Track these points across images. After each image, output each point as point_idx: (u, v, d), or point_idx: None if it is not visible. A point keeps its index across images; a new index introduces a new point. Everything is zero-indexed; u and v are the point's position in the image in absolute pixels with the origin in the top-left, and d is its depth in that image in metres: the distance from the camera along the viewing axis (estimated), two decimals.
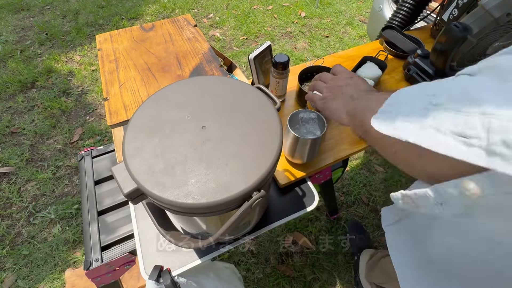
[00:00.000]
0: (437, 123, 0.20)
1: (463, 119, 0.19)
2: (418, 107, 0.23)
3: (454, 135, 0.19)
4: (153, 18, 2.59)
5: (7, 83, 1.93)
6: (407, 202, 0.27)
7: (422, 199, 0.25)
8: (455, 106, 0.20)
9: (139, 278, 0.87)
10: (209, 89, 0.50)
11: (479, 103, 0.18)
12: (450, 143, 0.19)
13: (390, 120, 0.26)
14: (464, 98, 0.19)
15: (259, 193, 0.39)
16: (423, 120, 0.22)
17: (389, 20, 1.17)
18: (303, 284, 1.16)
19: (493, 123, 0.17)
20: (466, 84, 0.20)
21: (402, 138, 0.23)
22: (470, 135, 0.18)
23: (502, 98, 0.17)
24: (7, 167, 1.52)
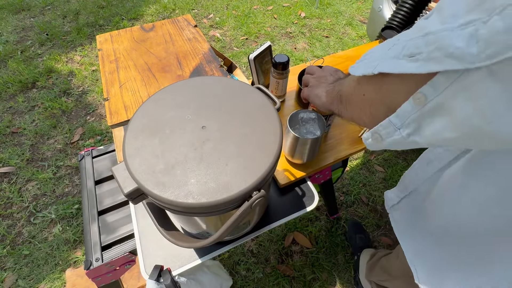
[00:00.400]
0: (396, 53, 0.26)
1: (412, 43, 0.24)
2: (385, 49, 0.29)
3: (406, 57, 0.24)
4: (153, 18, 2.60)
5: (7, 83, 1.94)
6: (375, 138, 0.31)
7: (386, 128, 0.29)
8: (409, 38, 0.25)
9: (140, 277, 0.87)
10: (209, 89, 0.50)
11: (425, 28, 0.23)
12: (403, 64, 0.24)
13: (363, 64, 0.32)
14: (416, 31, 0.24)
15: (259, 193, 0.39)
16: (386, 54, 0.27)
17: (388, 20, 1.17)
18: (303, 284, 1.16)
19: (430, 38, 0.21)
20: (420, 23, 0.25)
21: (370, 72, 0.29)
22: (416, 53, 0.23)
23: (439, 21, 0.21)
24: (8, 167, 1.52)
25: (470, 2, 0.19)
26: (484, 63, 0.18)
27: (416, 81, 0.24)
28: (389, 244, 1.27)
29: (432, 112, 0.23)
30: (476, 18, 0.18)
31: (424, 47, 0.22)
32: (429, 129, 0.25)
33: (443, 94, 0.22)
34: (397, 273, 0.85)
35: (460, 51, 0.19)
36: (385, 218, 1.35)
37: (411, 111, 0.25)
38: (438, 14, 0.22)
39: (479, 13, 0.18)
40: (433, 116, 0.24)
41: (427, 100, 0.23)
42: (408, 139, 0.27)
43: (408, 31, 0.27)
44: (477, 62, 0.18)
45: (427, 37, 0.22)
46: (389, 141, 0.30)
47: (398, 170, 1.51)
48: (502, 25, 0.16)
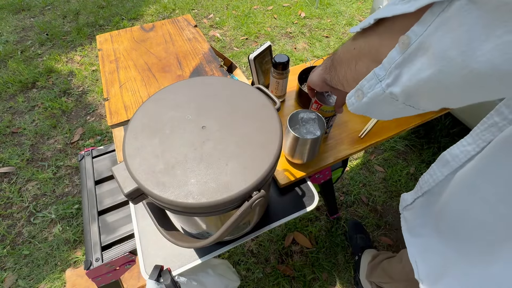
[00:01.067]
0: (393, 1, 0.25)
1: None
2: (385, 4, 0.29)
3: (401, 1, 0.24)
4: (153, 18, 2.60)
5: (7, 83, 1.94)
6: (357, 95, 0.31)
7: (369, 81, 0.29)
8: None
9: (140, 277, 0.87)
10: (209, 89, 0.50)
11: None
12: (397, 7, 0.24)
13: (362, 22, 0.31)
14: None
15: (259, 193, 0.39)
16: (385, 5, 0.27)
17: None
18: (303, 284, 1.16)
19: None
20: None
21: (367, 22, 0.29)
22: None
23: None
24: (8, 167, 1.52)
25: None
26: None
27: (406, 24, 0.24)
28: (389, 244, 1.27)
29: (413, 53, 0.23)
30: None
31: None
32: (407, 73, 0.25)
33: (427, 31, 0.22)
34: (399, 277, 0.85)
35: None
36: (385, 218, 1.35)
37: (395, 56, 0.25)
38: None
39: None
40: (414, 58, 0.24)
41: (411, 42, 0.23)
42: (386, 90, 0.27)
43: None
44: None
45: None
46: (369, 95, 0.29)
47: (398, 170, 1.51)
48: None
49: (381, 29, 0.29)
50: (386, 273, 0.93)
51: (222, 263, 0.77)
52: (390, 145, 1.63)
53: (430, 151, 1.57)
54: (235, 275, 0.80)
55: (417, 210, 0.47)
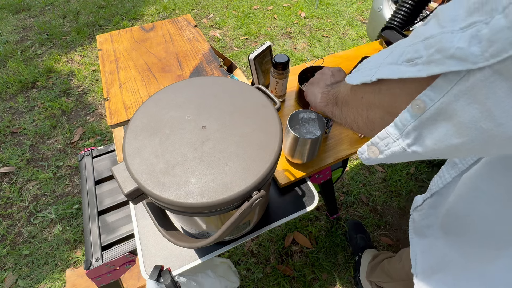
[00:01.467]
0: (395, 59, 0.25)
1: (412, 48, 0.23)
2: (382, 57, 0.28)
3: (405, 62, 0.23)
4: (153, 18, 2.60)
5: (7, 83, 1.94)
6: (371, 151, 0.31)
7: (383, 140, 0.28)
8: (408, 44, 0.24)
9: (140, 277, 0.87)
10: (209, 89, 0.50)
11: (424, 34, 0.22)
12: (402, 69, 0.24)
13: (360, 73, 0.31)
14: (415, 38, 0.24)
15: (259, 193, 0.39)
16: (384, 61, 0.27)
17: (388, 20, 1.18)
18: (303, 284, 1.16)
19: (430, 41, 0.21)
20: (418, 30, 0.24)
21: (368, 79, 0.28)
22: (416, 57, 0.22)
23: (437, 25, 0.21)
24: (8, 167, 1.52)
25: (469, 6, 0.18)
26: (488, 62, 0.17)
27: (416, 86, 0.23)
28: (389, 244, 1.27)
29: (433, 118, 0.23)
30: (477, 20, 0.17)
31: (424, 51, 0.21)
32: (432, 137, 0.24)
33: (445, 98, 0.21)
34: (398, 277, 0.85)
35: (462, 52, 0.18)
36: (385, 218, 1.35)
37: (410, 119, 0.24)
38: (437, 19, 0.22)
39: (480, 15, 0.17)
40: (435, 123, 0.23)
41: (427, 106, 0.22)
42: (408, 149, 0.26)
43: (405, 39, 0.26)
44: (480, 62, 0.17)
45: (426, 41, 0.21)
46: (387, 153, 0.28)
47: (398, 170, 1.51)
48: (505, 22, 0.16)
49: (387, 86, 0.28)
50: (386, 273, 0.93)
51: (224, 262, 0.77)
52: None
53: None
54: (235, 276, 0.80)
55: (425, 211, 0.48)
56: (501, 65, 0.17)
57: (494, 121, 0.19)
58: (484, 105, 0.19)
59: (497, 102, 0.18)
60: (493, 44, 0.17)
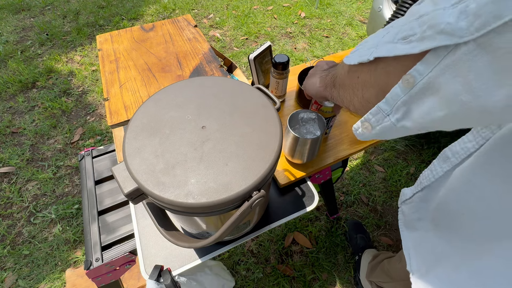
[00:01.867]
0: (391, 38, 0.26)
1: (407, 27, 0.24)
2: (379, 37, 0.29)
3: (401, 40, 0.24)
4: (153, 18, 2.60)
5: (7, 83, 1.94)
6: (364, 127, 0.31)
7: (375, 116, 0.29)
8: (403, 23, 0.25)
9: (140, 277, 0.87)
10: (209, 89, 0.50)
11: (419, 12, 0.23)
12: (398, 47, 0.24)
13: (357, 52, 0.32)
14: (410, 16, 0.24)
15: (259, 193, 0.39)
16: (381, 41, 0.28)
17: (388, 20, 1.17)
18: (303, 284, 1.16)
19: (424, 19, 0.22)
20: (413, 9, 0.25)
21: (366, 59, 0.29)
22: (410, 34, 0.23)
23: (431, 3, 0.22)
24: (8, 167, 1.52)
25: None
26: (473, 36, 0.18)
27: (409, 63, 0.24)
28: (389, 244, 1.27)
29: (421, 92, 0.23)
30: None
31: (418, 28, 0.22)
32: (418, 111, 0.25)
33: (432, 73, 0.22)
34: (398, 276, 0.85)
35: (450, 27, 0.19)
36: (385, 218, 1.35)
37: (400, 94, 0.25)
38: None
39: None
40: (422, 97, 0.24)
41: (416, 81, 0.23)
42: (397, 124, 0.27)
43: (401, 18, 0.27)
44: (466, 36, 0.18)
45: (420, 19, 0.22)
46: (379, 128, 0.30)
47: (398, 170, 1.51)
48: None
49: (383, 64, 0.28)
50: (386, 273, 0.93)
51: (217, 264, 0.78)
52: (390, 145, 1.63)
53: (430, 151, 1.57)
54: (229, 276, 0.81)
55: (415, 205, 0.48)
56: (484, 38, 0.18)
57: (473, 93, 0.20)
58: (466, 77, 0.20)
59: (477, 75, 0.19)
60: (478, 18, 0.17)
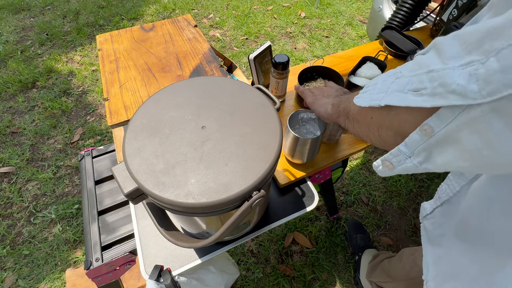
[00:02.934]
0: (401, 87, 0.27)
1: (416, 79, 0.25)
2: (388, 83, 0.30)
3: (411, 92, 0.26)
4: (153, 18, 2.60)
5: (7, 83, 1.94)
6: (385, 165, 0.33)
7: (396, 157, 0.30)
8: (412, 74, 0.26)
9: (140, 277, 0.87)
10: (209, 89, 0.50)
11: (428, 66, 0.25)
12: (409, 98, 0.26)
13: (368, 95, 0.34)
14: (419, 67, 0.26)
15: (259, 193, 0.39)
16: (390, 88, 0.29)
17: (388, 20, 1.18)
18: (303, 284, 1.16)
19: (434, 75, 0.23)
20: (420, 59, 0.26)
21: (374, 104, 0.31)
22: (421, 87, 0.24)
23: (440, 61, 0.23)
24: (8, 167, 1.52)
25: (468, 44, 0.21)
26: (485, 99, 0.19)
27: (422, 113, 0.26)
28: (389, 244, 1.27)
29: (441, 142, 0.25)
30: (475, 59, 0.20)
31: (428, 83, 0.24)
32: (441, 158, 0.26)
33: (449, 126, 0.23)
34: (399, 276, 0.85)
35: (462, 88, 0.20)
36: (385, 218, 1.35)
37: (419, 141, 0.26)
38: (438, 54, 0.24)
39: (477, 54, 0.19)
40: (443, 146, 0.25)
41: (434, 131, 0.24)
42: (420, 166, 0.28)
43: (408, 65, 0.28)
44: (479, 98, 0.19)
45: (430, 74, 0.24)
46: (400, 168, 0.31)
47: None
48: (497, 66, 0.18)
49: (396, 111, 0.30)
50: (386, 273, 0.93)
51: (221, 256, 0.77)
52: None
53: None
54: (234, 267, 0.80)
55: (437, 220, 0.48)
56: (497, 103, 0.19)
57: (495, 150, 0.21)
58: (485, 136, 0.21)
59: (496, 134, 0.20)
60: (489, 84, 0.18)
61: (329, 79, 0.84)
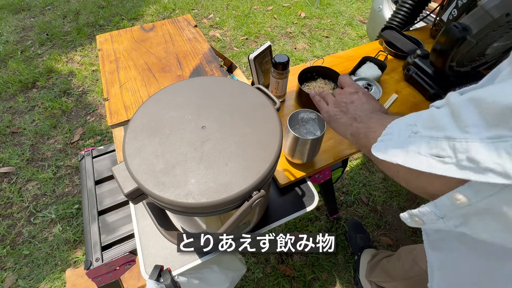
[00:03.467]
0: (417, 148, 0.26)
1: (435, 143, 0.24)
2: (404, 136, 0.29)
3: (432, 156, 0.24)
4: (153, 18, 2.60)
5: (7, 83, 1.94)
6: (415, 221, 0.31)
7: (426, 215, 0.28)
8: (429, 133, 0.25)
9: (140, 277, 0.87)
10: (209, 90, 0.50)
11: (444, 130, 0.24)
12: (432, 163, 0.24)
13: (384, 147, 0.32)
14: (434, 126, 0.25)
15: (259, 193, 0.39)
16: (407, 146, 0.27)
17: (388, 20, 1.18)
18: (303, 284, 1.16)
19: (456, 145, 0.22)
20: (435, 115, 0.26)
21: (394, 161, 0.29)
22: (443, 155, 0.23)
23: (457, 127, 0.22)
24: (8, 167, 1.52)
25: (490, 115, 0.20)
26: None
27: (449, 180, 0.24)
28: (389, 244, 1.27)
29: (480, 212, 0.23)
30: (505, 134, 0.19)
31: (451, 152, 0.22)
32: (481, 226, 0.24)
33: (489, 200, 0.22)
34: (398, 276, 0.85)
35: (502, 168, 0.19)
36: (385, 218, 1.35)
37: (451, 207, 0.25)
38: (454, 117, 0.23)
39: (507, 130, 0.19)
40: (482, 215, 0.23)
41: (470, 202, 0.23)
42: (456, 229, 0.26)
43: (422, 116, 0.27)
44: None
45: (451, 142, 0.22)
46: (432, 227, 0.29)
47: None
48: None
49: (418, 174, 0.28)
50: (385, 272, 0.93)
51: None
52: None
53: None
54: (240, 263, 0.79)
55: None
56: None
57: None
58: None
59: None
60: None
61: (329, 79, 0.84)
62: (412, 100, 0.85)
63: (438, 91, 0.82)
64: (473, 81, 0.85)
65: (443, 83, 0.82)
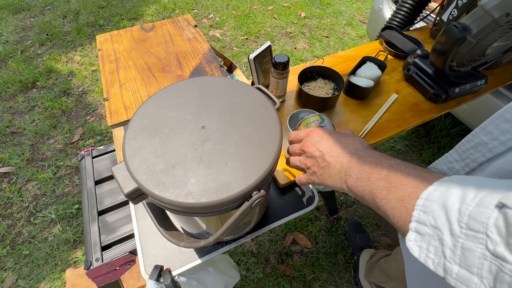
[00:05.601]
0: (469, 266, 0.23)
1: (480, 262, 0.22)
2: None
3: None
4: (153, 18, 2.60)
5: (7, 83, 1.94)
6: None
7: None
8: (478, 254, 0.22)
9: (139, 277, 0.87)
10: (209, 90, 0.50)
11: (492, 252, 0.21)
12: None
13: (426, 244, 0.26)
14: (475, 235, 0.22)
15: (259, 193, 0.39)
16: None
17: (388, 20, 1.18)
18: (303, 284, 1.16)
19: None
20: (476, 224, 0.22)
21: (442, 273, 0.25)
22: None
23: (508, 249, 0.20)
24: (8, 167, 1.52)
25: None
26: None
27: None
28: (389, 244, 1.27)
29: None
30: None
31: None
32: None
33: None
34: (395, 275, 0.85)
35: None
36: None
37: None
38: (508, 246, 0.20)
39: None
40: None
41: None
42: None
43: (451, 211, 0.24)
44: None
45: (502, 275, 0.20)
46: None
47: None
48: None
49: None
50: (383, 272, 0.93)
51: (223, 258, 0.77)
52: (390, 145, 1.63)
53: (430, 151, 1.57)
54: (235, 271, 0.80)
55: None
56: None
57: None
58: None
59: None
60: None
61: (329, 79, 0.84)
62: (412, 100, 0.85)
63: (438, 91, 0.82)
64: (473, 81, 0.85)
65: (443, 83, 0.82)
